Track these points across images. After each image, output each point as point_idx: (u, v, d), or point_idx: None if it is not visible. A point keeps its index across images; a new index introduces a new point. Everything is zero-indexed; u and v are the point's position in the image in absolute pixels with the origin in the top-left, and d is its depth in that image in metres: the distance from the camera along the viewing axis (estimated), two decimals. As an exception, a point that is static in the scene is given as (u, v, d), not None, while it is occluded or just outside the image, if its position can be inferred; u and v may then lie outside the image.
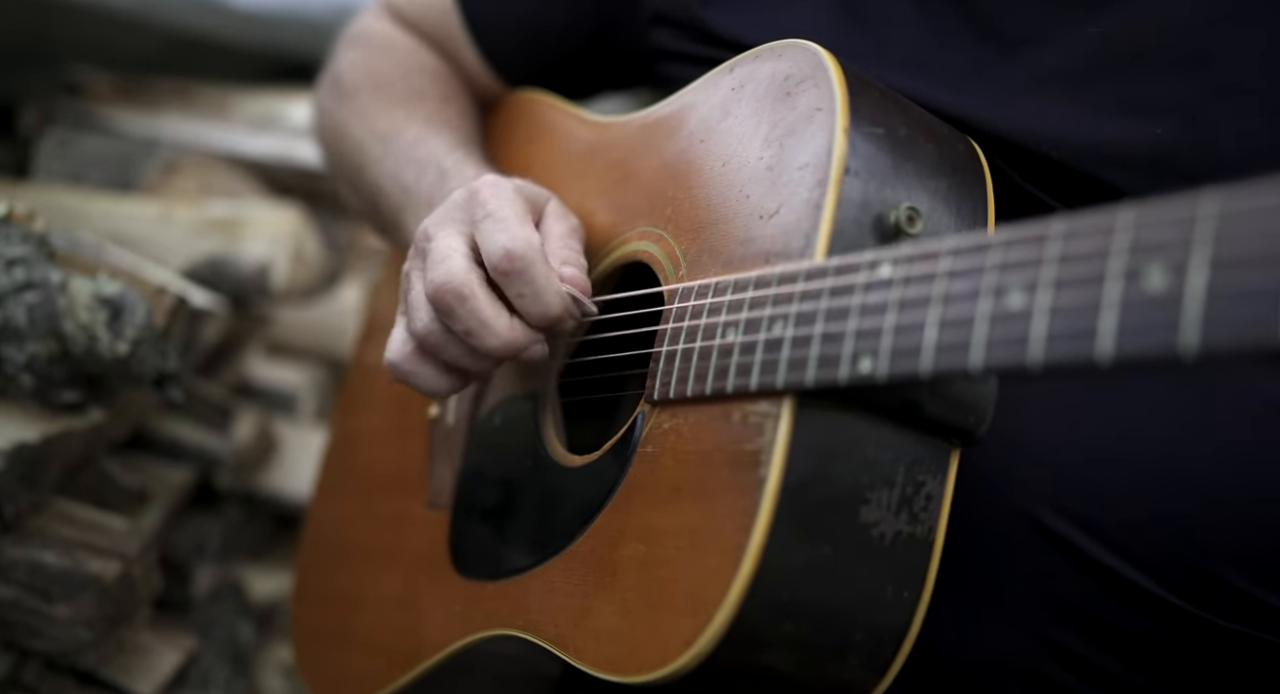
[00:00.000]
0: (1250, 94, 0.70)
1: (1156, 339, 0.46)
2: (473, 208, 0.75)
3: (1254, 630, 0.71)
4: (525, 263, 0.72)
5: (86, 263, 1.05)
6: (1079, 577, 0.71)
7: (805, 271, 0.63)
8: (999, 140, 0.73)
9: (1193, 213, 0.46)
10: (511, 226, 0.73)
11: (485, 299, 0.73)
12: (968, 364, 0.53)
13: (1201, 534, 0.70)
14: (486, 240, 0.73)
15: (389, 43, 1.06)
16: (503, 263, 0.72)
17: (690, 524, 0.65)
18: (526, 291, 0.72)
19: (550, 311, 0.73)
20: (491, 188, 0.76)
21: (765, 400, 0.63)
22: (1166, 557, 0.70)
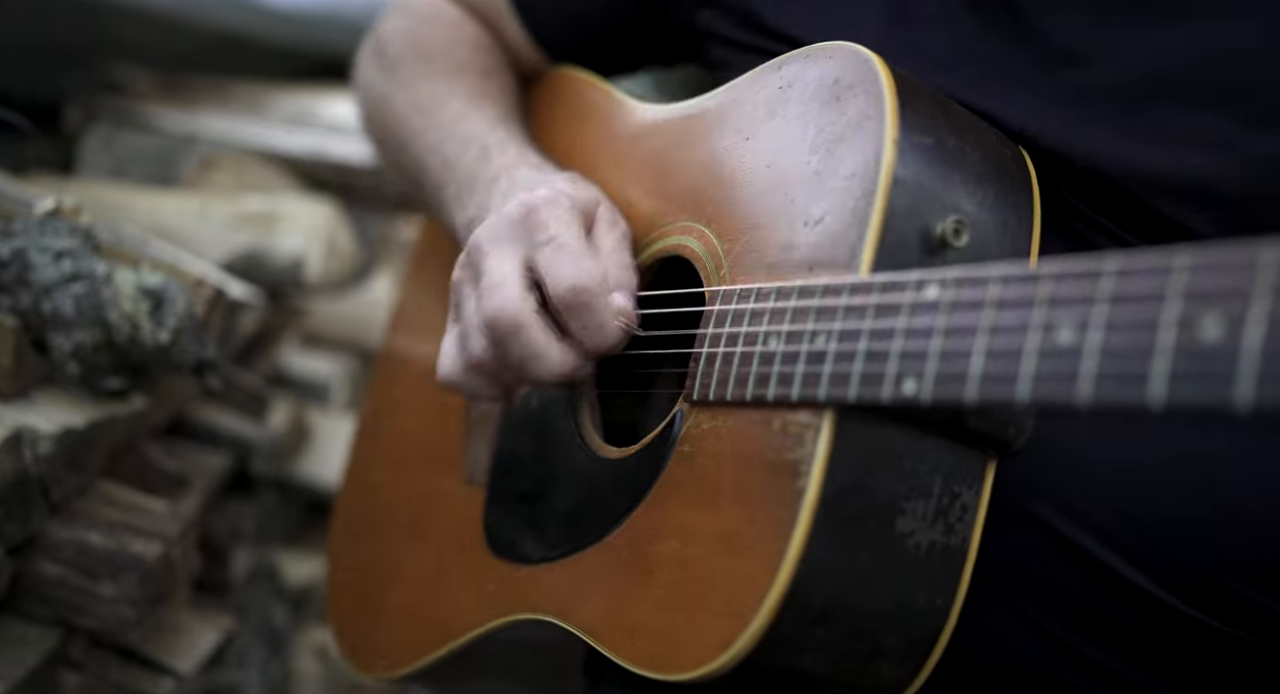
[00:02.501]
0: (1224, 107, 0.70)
1: (1210, 390, 0.45)
2: (532, 230, 0.75)
3: (1263, 638, 0.71)
4: (590, 297, 0.73)
5: (130, 255, 1.09)
6: (1089, 581, 0.71)
7: (850, 286, 0.63)
8: (1041, 151, 0.73)
9: (1253, 260, 0.45)
10: (577, 258, 0.73)
11: (539, 331, 0.74)
12: (1014, 396, 0.52)
13: (1212, 541, 0.70)
14: (551, 270, 0.73)
15: (434, 12, 1.06)
16: (568, 297, 0.73)
17: (727, 527, 0.66)
18: (588, 324, 0.74)
19: (608, 343, 0.74)
20: (550, 207, 0.76)
21: (806, 411, 0.63)
22: (1177, 563, 0.70)
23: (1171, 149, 0.71)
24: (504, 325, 0.73)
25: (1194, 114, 0.71)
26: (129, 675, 1.08)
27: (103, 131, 1.57)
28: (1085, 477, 0.72)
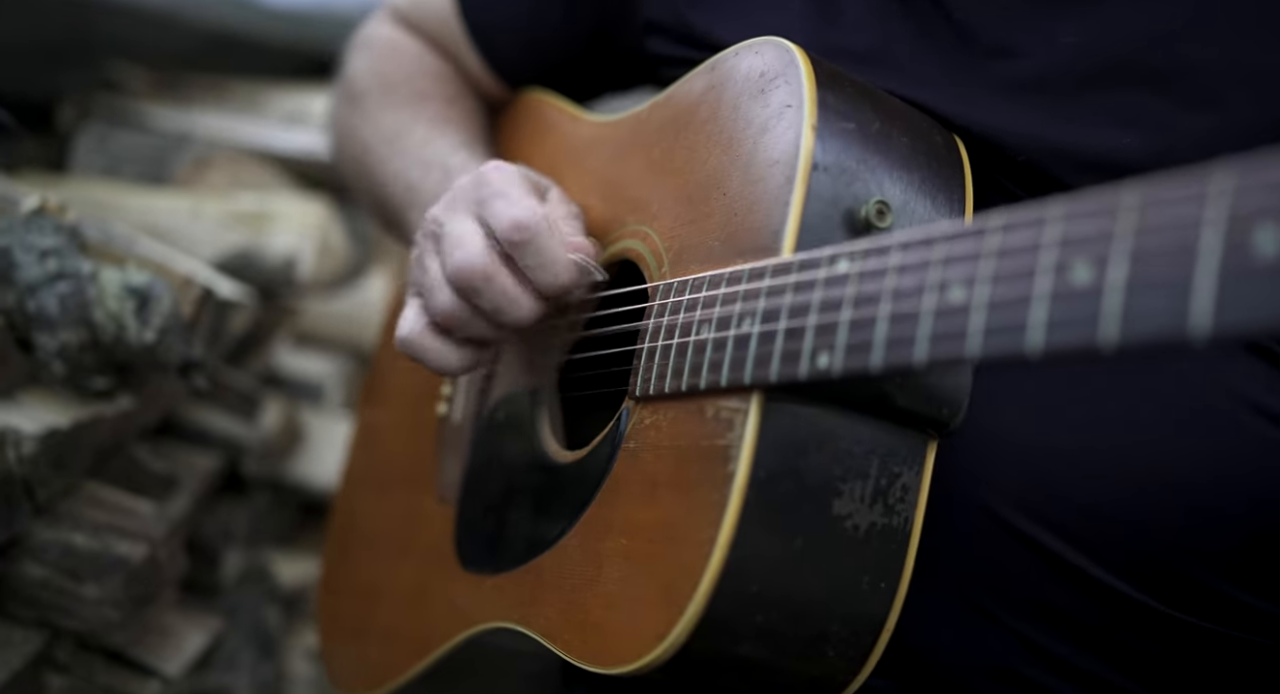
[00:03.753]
0: (1213, 108, 0.70)
1: (1079, 333, 0.47)
2: (479, 188, 0.77)
3: (1221, 626, 0.72)
4: (533, 232, 0.73)
5: (117, 254, 1.08)
6: (1049, 575, 0.72)
7: (771, 268, 0.63)
8: (971, 139, 0.73)
9: (1115, 205, 0.47)
10: (518, 200, 0.75)
11: (508, 276, 0.74)
12: (913, 358, 0.54)
13: (1166, 532, 0.70)
14: (496, 215, 0.74)
15: (395, 47, 1.08)
16: (513, 233, 0.73)
17: (666, 518, 0.66)
18: (536, 262, 0.74)
19: (560, 279, 0.74)
20: (496, 169, 0.78)
21: (735, 396, 0.64)
22: (1133, 554, 0.71)
23: (1104, 132, 0.72)
24: (475, 276, 0.74)
25: (1126, 97, 0.72)
26: (115, 678, 1.07)
27: (97, 129, 1.57)
28: (1036, 470, 0.72)
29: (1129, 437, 0.72)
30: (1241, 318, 0.43)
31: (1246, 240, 0.43)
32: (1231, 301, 0.43)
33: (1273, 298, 0.42)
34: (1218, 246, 0.44)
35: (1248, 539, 0.71)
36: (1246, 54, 0.70)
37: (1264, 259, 0.43)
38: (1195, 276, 0.45)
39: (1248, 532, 0.71)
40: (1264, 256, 0.43)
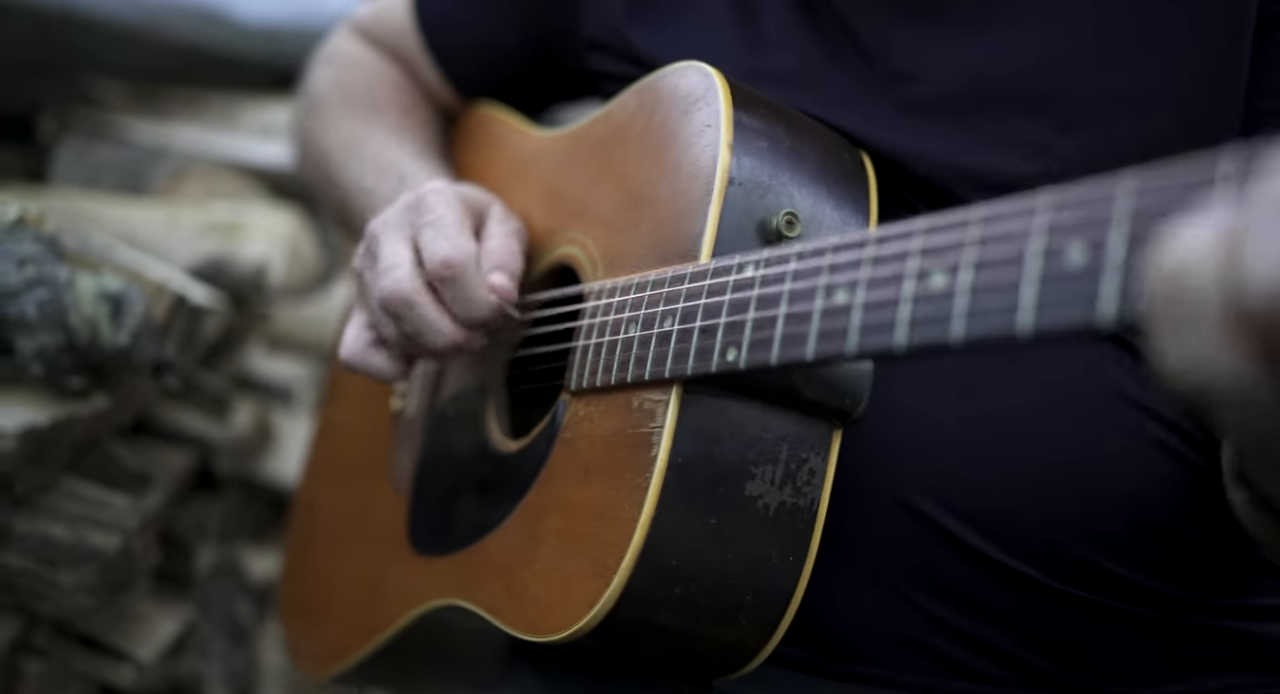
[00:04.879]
0: (1088, 130, 0.78)
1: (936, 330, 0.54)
2: (417, 213, 0.83)
3: (1105, 598, 0.78)
4: (459, 270, 0.79)
5: (93, 261, 1.15)
6: (947, 552, 0.78)
7: (690, 273, 0.71)
8: (878, 157, 0.80)
9: (966, 219, 0.54)
10: (451, 235, 0.80)
11: (430, 306, 0.80)
12: (805, 355, 0.61)
13: (1052, 512, 0.77)
14: (428, 246, 0.80)
15: (356, 60, 1.15)
16: (440, 270, 0.79)
17: (596, 499, 0.73)
18: (459, 297, 0.80)
19: (477, 316, 0.81)
20: (436, 194, 0.84)
21: (658, 389, 0.71)
22: (1023, 533, 0.78)
23: (993, 153, 0.79)
24: (398, 302, 0.80)
25: (1012, 121, 0.79)
26: (91, 663, 1.13)
27: (76, 143, 1.63)
28: (936, 456, 0.78)
29: (1019, 425, 0.79)
30: (1057, 318, 0.50)
31: (1062, 252, 0.51)
32: (1049, 304, 0.51)
33: (1081, 302, 0.49)
34: (1040, 256, 0.52)
35: (1125, 519, 0.78)
36: (1107, 84, 0.78)
37: (1074, 268, 0.50)
38: (1022, 282, 0.52)
39: (1125, 512, 0.78)
40: (1074, 266, 0.50)
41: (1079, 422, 0.78)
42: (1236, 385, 0.38)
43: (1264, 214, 0.37)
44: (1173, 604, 0.79)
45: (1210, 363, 0.39)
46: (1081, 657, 0.80)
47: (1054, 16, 0.80)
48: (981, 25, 0.81)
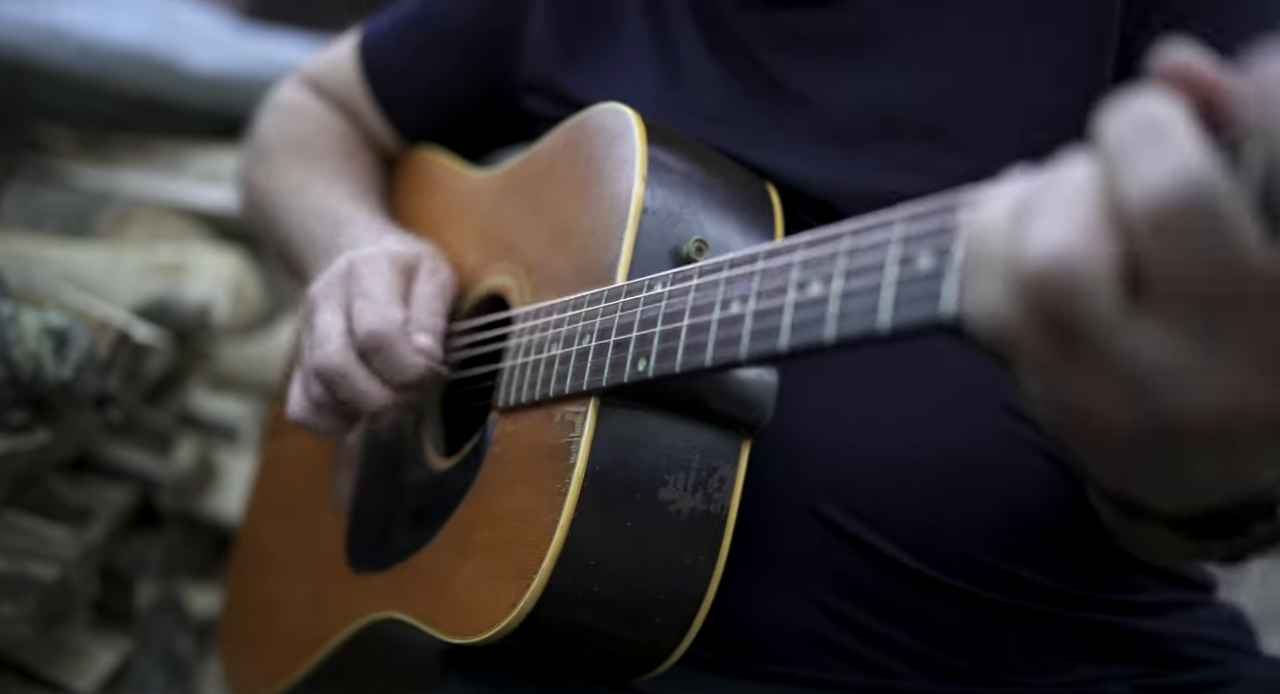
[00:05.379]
0: (973, 151, 0.84)
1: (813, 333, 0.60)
2: (349, 283, 0.88)
3: (992, 593, 0.84)
4: (385, 341, 0.84)
5: (37, 298, 1.18)
6: (851, 554, 0.83)
7: (606, 293, 0.76)
8: (784, 185, 0.87)
9: (839, 232, 0.60)
10: (379, 307, 0.85)
11: (360, 376, 0.85)
12: (705, 362, 0.66)
13: (943, 512, 0.83)
14: (357, 319, 0.85)
15: (302, 109, 1.21)
16: (368, 341, 0.84)
17: (520, 507, 0.77)
18: (386, 366, 0.85)
19: (407, 379, 0.85)
20: (366, 264, 0.88)
21: (577, 401, 0.76)
22: (921, 535, 0.83)
23: (882, 176, 0.85)
24: (330, 375, 0.85)
25: (898, 145, 0.86)
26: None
27: (21, 188, 1.66)
28: (838, 463, 0.84)
29: (912, 433, 0.84)
30: (909, 315, 0.56)
31: (914, 258, 0.57)
32: (903, 303, 0.57)
33: (928, 301, 0.55)
34: (896, 263, 0.58)
35: (1010, 518, 0.84)
36: (989, 109, 0.85)
37: (924, 272, 0.56)
38: (883, 286, 0.58)
39: (1010, 511, 0.84)
40: (924, 270, 0.56)
41: (968, 430, 0.84)
42: (1018, 339, 0.44)
43: (1054, 196, 0.43)
44: (1057, 598, 0.85)
45: (998, 316, 0.45)
46: (976, 649, 0.85)
47: (940, 52, 0.87)
48: (873, 59, 0.89)
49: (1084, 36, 0.84)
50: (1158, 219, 0.40)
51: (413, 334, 0.86)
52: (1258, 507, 0.55)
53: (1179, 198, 0.39)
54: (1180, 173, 0.39)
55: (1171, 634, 0.88)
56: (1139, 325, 0.42)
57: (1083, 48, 0.84)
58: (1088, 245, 0.41)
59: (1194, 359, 0.42)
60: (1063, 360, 0.44)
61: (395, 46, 1.17)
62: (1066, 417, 0.47)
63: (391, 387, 0.86)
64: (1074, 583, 0.85)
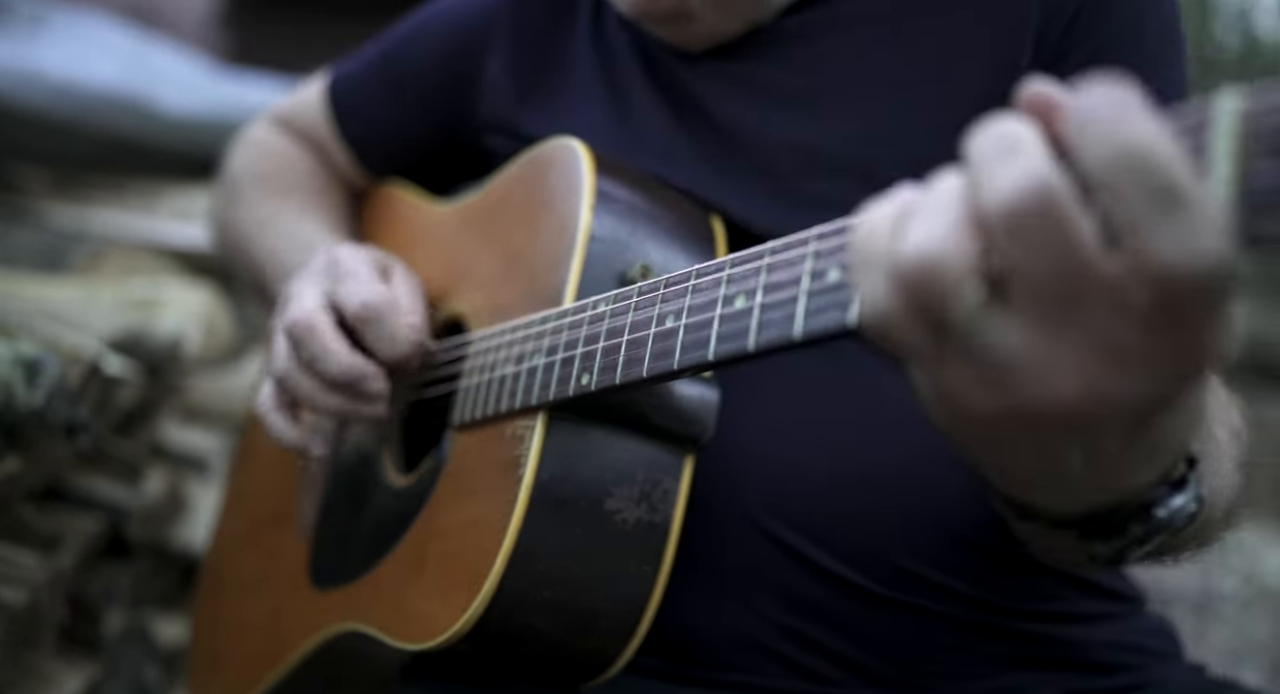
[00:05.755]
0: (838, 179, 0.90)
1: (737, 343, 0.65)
2: (333, 268, 0.92)
3: (923, 602, 0.88)
4: (379, 311, 0.88)
5: (10, 330, 1.21)
6: (791, 565, 0.87)
7: (554, 314, 0.81)
8: (729, 220, 0.92)
9: (761, 252, 0.66)
10: (369, 283, 0.90)
11: (330, 332, 0.88)
12: (642, 373, 0.71)
13: (879, 527, 0.87)
14: (347, 295, 0.89)
15: (273, 146, 1.26)
16: (362, 312, 0.88)
17: (474, 517, 0.81)
18: (380, 335, 0.88)
19: (401, 350, 0.89)
20: (349, 252, 0.94)
21: (527, 417, 0.80)
22: (857, 548, 0.87)
23: (815, 213, 0.90)
24: (300, 327, 0.88)
25: (833, 186, 0.91)
26: (-6, 720, 1.16)
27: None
28: (778, 478, 0.88)
29: (850, 452, 0.89)
30: (821, 323, 0.61)
31: (825, 272, 0.62)
32: (815, 313, 0.61)
33: (836, 309, 0.60)
34: (809, 276, 0.63)
35: (939, 532, 0.88)
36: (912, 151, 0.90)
37: (833, 284, 0.61)
38: (798, 297, 0.63)
39: (938, 525, 0.88)
40: (833, 282, 0.61)
41: (903, 451, 0.89)
42: (899, 333, 0.49)
43: (928, 202, 0.49)
44: (985, 608, 0.89)
45: (880, 311, 0.49)
46: (909, 657, 0.88)
47: (869, 100, 0.93)
48: (808, 107, 0.95)
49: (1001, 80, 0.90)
50: (1009, 220, 0.45)
51: (402, 311, 0.89)
52: (1133, 508, 0.59)
53: (1026, 201, 0.45)
54: (1028, 179, 0.45)
55: (1095, 641, 0.92)
56: (997, 318, 0.47)
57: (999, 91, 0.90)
58: (953, 243, 0.46)
59: (1044, 350, 0.47)
60: (935, 351, 0.49)
61: (362, 89, 1.22)
62: (943, 407, 0.52)
63: (385, 359, 0.89)
64: (1001, 593, 0.90)
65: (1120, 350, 0.46)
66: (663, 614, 0.82)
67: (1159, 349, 0.46)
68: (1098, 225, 0.45)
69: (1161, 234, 0.43)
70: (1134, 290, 0.45)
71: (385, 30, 1.24)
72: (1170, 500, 0.60)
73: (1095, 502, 0.58)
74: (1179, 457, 0.59)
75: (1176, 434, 0.55)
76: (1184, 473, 0.61)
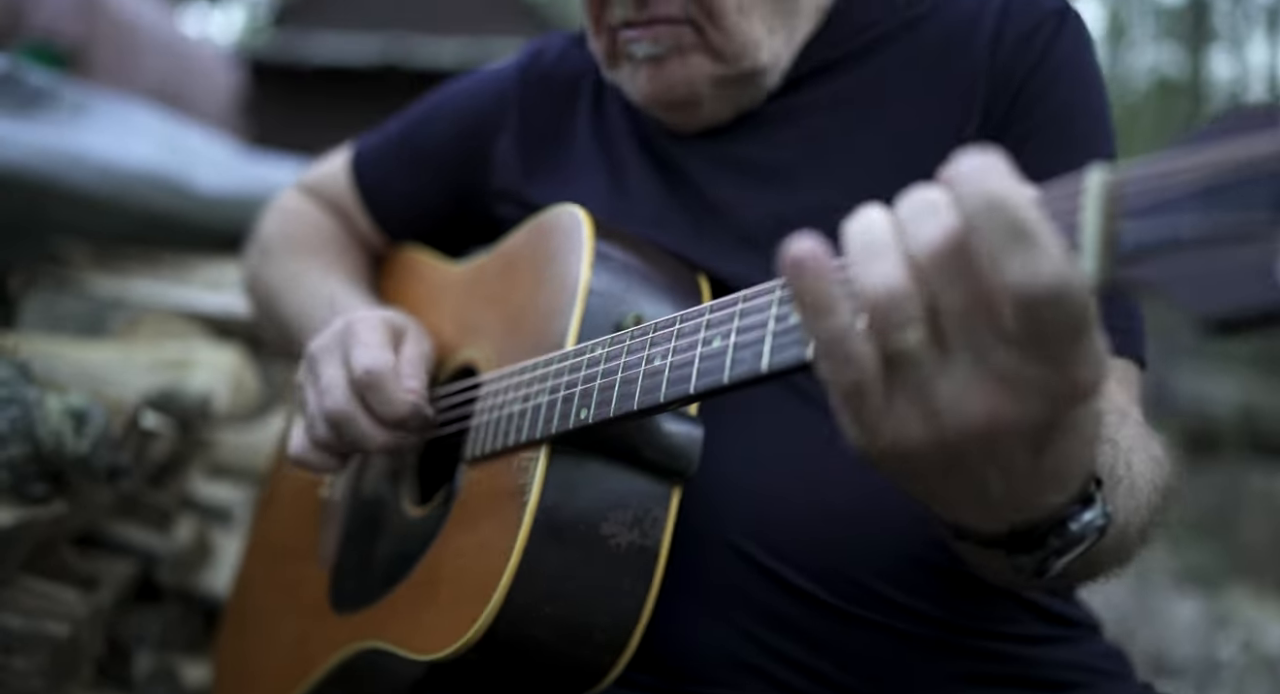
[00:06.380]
0: None
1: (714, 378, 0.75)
2: (347, 337, 1.03)
3: (891, 621, 0.96)
4: (378, 377, 0.99)
5: (60, 384, 1.32)
6: (770, 587, 0.96)
7: (557, 357, 0.92)
8: (714, 279, 1.03)
9: (736, 299, 0.76)
10: (374, 351, 1.00)
11: (364, 420, 1.00)
12: (633, 407, 0.81)
13: (848, 551, 0.96)
14: (354, 361, 1.00)
15: (301, 212, 1.40)
16: (363, 378, 0.99)
17: (483, 539, 0.91)
18: (380, 399, 0.99)
19: (398, 414, 0.99)
20: (362, 321, 1.04)
21: (531, 449, 0.90)
22: (826, 568, 0.96)
23: None
24: (337, 419, 1.00)
25: None
26: (34, 748, 1.23)
27: (42, 296, 1.82)
28: (758, 507, 0.97)
29: (820, 482, 0.98)
30: (783, 358, 0.72)
31: (787, 315, 0.73)
32: (778, 349, 0.72)
33: (797, 346, 0.71)
34: (774, 319, 0.74)
35: (903, 556, 0.97)
36: None
37: (794, 324, 0.72)
38: (765, 337, 0.74)
39: (902, 549, 0.97)
40: (794, 323, 0.72)
41: (870, 482, 0.97)
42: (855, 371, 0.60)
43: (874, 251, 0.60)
44: (945, 626, 0.98)
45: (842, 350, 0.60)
46: (878, 672, 0.97)
47: (836, 175, 1.05)
48: (783, 181, 1.07)
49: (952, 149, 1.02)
50: (932, 261, 0.57)
51: (402, 378, 1.00)
52: (1050, 524, 0.69)
53: (944, 245, 0.56)
54: (943, 229, 0.56)
55: (1048, 660, 1.01)
56: (936, 357, 0.58)
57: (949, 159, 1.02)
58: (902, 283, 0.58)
59: (963, 385, 0.57)
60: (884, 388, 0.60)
61: (383, 162, 1.36)
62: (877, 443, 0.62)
63: (384, 423, 0.99)
64: (961, 614, 0.98)
65: (1011, 379, 0.57)
66: (652, 631, 0.90)
67: (1037, 377, 0.57)
68: None
69: (1015, 263, 0.54)
70: (1007, 316, 0.56)
71: (405, 109, 1.38)
72: (1081, 516, 0.70)
73: (1016, 520, 0.68)
74: (1085, 478, 0.68)
75: (1076, 454, 0.64)
76: (1091, 492, 0.71)
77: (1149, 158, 0.55)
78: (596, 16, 1.09)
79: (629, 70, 1.10)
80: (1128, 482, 0.80)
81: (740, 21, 1.04)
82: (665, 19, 1.04)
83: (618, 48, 1.09)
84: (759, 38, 1.06)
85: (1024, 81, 1.02)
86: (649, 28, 1.05)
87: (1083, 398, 0.58)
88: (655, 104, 1.11)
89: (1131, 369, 0.99)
